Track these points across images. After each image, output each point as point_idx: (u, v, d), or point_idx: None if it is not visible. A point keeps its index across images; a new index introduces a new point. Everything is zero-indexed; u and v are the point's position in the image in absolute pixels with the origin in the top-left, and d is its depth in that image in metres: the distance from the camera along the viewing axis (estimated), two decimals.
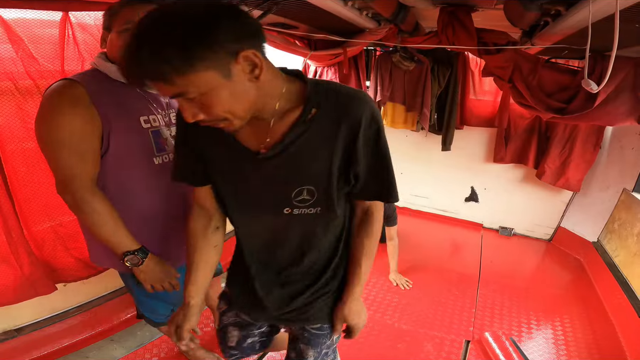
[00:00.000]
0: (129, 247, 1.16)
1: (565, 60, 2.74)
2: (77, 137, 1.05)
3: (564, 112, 2.38)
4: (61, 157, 1.05)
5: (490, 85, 3.40)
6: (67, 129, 1.03)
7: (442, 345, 2.15)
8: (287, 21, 2.16)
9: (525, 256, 3.39)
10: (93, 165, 1.10)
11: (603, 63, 2.18)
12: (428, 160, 3.95)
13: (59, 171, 1.07)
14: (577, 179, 3.27)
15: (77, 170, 1.06)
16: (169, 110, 1.29)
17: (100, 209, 1.10)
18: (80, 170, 1.07)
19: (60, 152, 1.04)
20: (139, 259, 1.18)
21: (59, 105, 1.03)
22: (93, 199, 1.09)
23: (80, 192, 1.07)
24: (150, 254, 1.22)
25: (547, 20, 1.88)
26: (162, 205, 1.26)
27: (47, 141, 1.05)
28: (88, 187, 1.09)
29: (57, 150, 1.05)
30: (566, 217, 3.54)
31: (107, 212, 1.11)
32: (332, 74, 3.33)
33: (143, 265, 1.19)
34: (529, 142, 3.41)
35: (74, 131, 1.04)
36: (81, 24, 1.47)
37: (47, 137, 1.05)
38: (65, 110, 1.03)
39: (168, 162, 1.24)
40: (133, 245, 1.17)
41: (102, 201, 1.11)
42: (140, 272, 1.21)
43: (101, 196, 1.11)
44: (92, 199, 1.09)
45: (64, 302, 1.90)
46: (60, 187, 1.09)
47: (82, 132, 1.05)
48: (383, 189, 0.93)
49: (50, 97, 1.04)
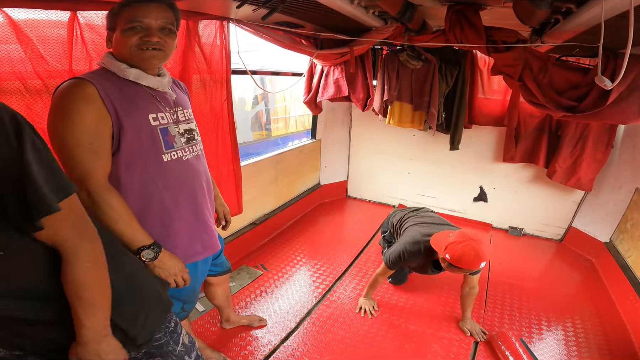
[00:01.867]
0: (143, 241, 1.18)
1: (576, 59, 2.70)
2: (91, 135, 1.06)
3: (575, 111, 2.34)
4: (76, 155, 1.06)
5: (499, 84, 3.36)
6: (80, 127, 1.04)
7: (450, 346, 2.13)
8: (294, 20, 2.16)
9: (536, 256, 3.34)
10: (106, 163, 1.12)
11: (616, 61, 2.14)
12: (436, 159, 3.92)
13: (75, 169, 1.08)
14: (589, 178, 3.22)
15: (92, 168, 1.08)
16: (177, 108, 1.30)
17: (116, 205, 1.12)
18: (95, 168, 1.09)
19: (74, 150, 1.06)
20: (154, 252, 1.19)
21: (72, 104, 1.04)
22: (109, 195, 1.11)
23: (96, 189, 1.09)
24: (163, 249, 1.23)
25: (558, 18, 1.85)
26: (171, 202, 1.27)
27: (60, 140, 1.06)
28: (103, 184, 1.11)
29: (72, 149, 1.06)
30: (577, 217, 3.49)
31: (122, 208, 1.13)
32: (338, 73, 3.32)
33: (157, 259, 1.21)
34: (539, 141, 3.37)
35: (88, 129, 1.05)
36: (89, 24, 1.47)
37: (60, 136, 1.05)
38: (78, 108, 1.04)
39: (177, 159, 1.26)
40: (147, 240, 1.19)
41: (117, 197, 1.13)
42: (155, 267, 1.22)
43: (115, 192, 1.13)
44: (108, 195, 1.11)
45: None
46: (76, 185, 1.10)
47: (95, 130, 1.07)
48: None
49: (62, 96, 1.05)
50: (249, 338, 2.10)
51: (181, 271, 1.28)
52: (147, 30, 1.12)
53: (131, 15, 1.10)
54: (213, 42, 2.05)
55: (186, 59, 1.92)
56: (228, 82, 2.23)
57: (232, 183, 2.51)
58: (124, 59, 1.15)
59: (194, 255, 1.40)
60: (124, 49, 1.13)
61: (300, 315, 2.31)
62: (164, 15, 1.14)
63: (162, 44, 1.15)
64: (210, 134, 2.22)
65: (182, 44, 1.88)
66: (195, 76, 2.02)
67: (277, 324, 2.22)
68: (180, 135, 1.28)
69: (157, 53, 1.16)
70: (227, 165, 2.42)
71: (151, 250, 1.19)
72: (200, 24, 1.92)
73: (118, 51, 1.16)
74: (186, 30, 1.87)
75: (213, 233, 1.48)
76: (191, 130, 1.35)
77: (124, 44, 1.13)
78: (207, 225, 1.43)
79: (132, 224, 1.16)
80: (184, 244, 1.35)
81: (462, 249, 1.87)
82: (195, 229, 1.38)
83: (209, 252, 1.47)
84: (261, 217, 3.30)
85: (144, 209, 1.23)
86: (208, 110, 2.16)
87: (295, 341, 2.10)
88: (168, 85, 1.29)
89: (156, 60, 1.18)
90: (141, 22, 1.11)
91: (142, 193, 1.21)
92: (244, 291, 2.52)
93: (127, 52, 1.13)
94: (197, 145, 1.38)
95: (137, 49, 1.13)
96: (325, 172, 4.36)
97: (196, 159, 1.36)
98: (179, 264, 1.28)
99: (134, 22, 1.10)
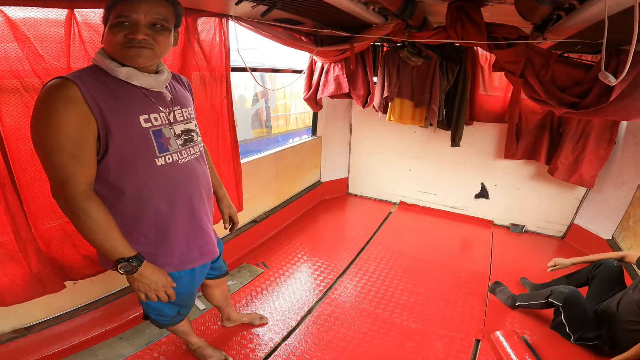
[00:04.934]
0: (123, 254, 1.12)
1: (578, 55, 2.68)
2: (71, 139, 1.00)
3: (578, 107, 2.33)
4: (54, 160, 1.00)
5: (500, 81, 3.34)
6: (60, 131, 0.98)
7: (452, 344, 2.13)
8: (293, 16, 2.14)
9: (538, 253, 3.33)
10: (89, 168, 1.06)
11: (618, 57, 2.12)
12: (437, 156, 3.91)
13: (53, 175, 1.03)
14: (591, 175, 3.21)
15: (71, 174, 1.02)
16: (174, 107, 1.24)
17: (94, 214, 1.05)
18: (75, 174, 1.02)
19: (53, 155, 1.00)
20: (132, 266, 1.14)
21: (52, 106, 0.98)
22: (87, 204, 1.04)
23: (74, 196, 1.03)
24: (145, 262, 1.18)
25: (560, 14, 1.83)
26: (166, 208, 1.22)
27: (39, 143, 1.01)
28: (82, 191, 1.04)
29: (50, 153, 1.00)
30: (579, 214, 3.48)
31: (101, 218, 1.07)
32: (338, 70, 3.30)
33: (137, 273, 1.16)
34: (541, 138, 3.35)
35: (68, 133, 0.99)
36: (87, 22, 1.46)
37: (39, 139, 1.00)
38: (59, 110, 0.98)
39: (172, 162, 1.20)
40: (128, 252, 1.13)
41: (97, 206, 1.06)
42: (134, 280, 1.18)
43: (96, 201, 1.07)
44: (86, 204, 1.04)
45: (73, 300, 1.91)
46: (54, 190, 1.05)
47: (76, 133, 1.00)
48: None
49: (43, 96, 1.00)
50: (250, 336, 2.10)
51: (164, 286, 1.23)
52: (133, 26, 1.04)
53: (120, 10, 1.03)
54: (212, 39, 2.03)
55: (185, 57, 1.91)
56: (228, 80, 2.22)
57: (233, 181, 2.50)
58: (113, 56, 1.08)
59: (190, 261, 1.36)
60: (110, 45, 1.07)
61: (301, 313, 2.31)
62: (155, 11, 1.06)
63: (150, 42, 1.07)
64: (211, 131, 2.21)
65: (181, 42, 1.86)
66: (194, 73, 2.01)
67: (278, 322, 2.22)
68: (176, 137, 1.22)
69: (143, 51, 1.07)
70: (227, 162, 2.42)
71: (129, 264, 1.13)
72: (199, 21, 1.91)
73: (107, 48, 1.09)
74: (185, 27, 1.86)
75: (211, 239, 1.44)
76: (189, 131, 1.29)
77: (110, 41, 1.06)
78: (204, 232, 1.39)
79: (112, 234, 1.09)
80: (181, 250, 1.31)
81: None
82: (192, 235, 1.34)
83: (206, 258, 1.43)
84: (262, 214, 3.29)
85: (138, 215, 1.18)
86: (208, 108, 2.15)
87: (297, 339, 2.10)
88: (165, 83, 1.22)
89: (142, 59, 1.09)
90: (128, 17, 1.03)
91: (135, 198, 1.16)
92: (244, 289, 2.52)
93: (113, 49, 1.07)
94: (197, 147, 1.32)
95: (122, 47, 1.05)
96: (326, 169, 4.35)
97: (195, 161, 1.30)
98: (161, 279, 1.22)
99: (121, 17, 1.03)
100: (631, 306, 1.86)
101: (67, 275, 1.71)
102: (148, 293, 1.21)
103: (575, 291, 2.03)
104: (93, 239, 1.09)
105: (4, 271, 1.50)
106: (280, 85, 4.82)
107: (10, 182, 1.43)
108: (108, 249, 1.11)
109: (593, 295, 2.20)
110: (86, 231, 1.07)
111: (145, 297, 1.23)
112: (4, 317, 1.68)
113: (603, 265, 2.22)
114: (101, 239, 1.09)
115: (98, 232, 1.07)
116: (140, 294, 1.22)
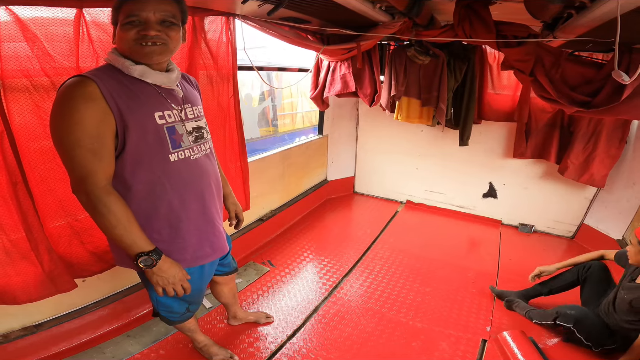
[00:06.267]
0: (142, 248, 1.15)
1: (589, 53, 2.63)
2: (91, 135, 1.03)
3: (589, 106, 2.29)
4: (75, 156, 1.03)
5: (508, 79, 3.30)
6: (80, 127, 1.01)
7: (458, 344, 2.11)
8: (299, 15, 2.14)
9: (546, 254, 3.29)
10: (108, 164, 1.09)
11: (630, 55, 2.09)
12: (444, 155, 3.88)
13: (74, 170, 1.05)
14: (602, 174, 3.16)
15: (91, 169, 1.05)
16: (185, 105, 1.27)
17: (115, 209, 1.08)
18: (95, 169, 1.05)
19: (74, 151, 1.03)
20: (152, 260, 1.17)
21: (72, 103, 1.01)
22: (108, 199, 1.07)
23: (95, 191, 1.06)
24: (163, 256, 1.20)
25: (571, 13, 1.80)
26: (179, 203, 1.25)
27: (60, 139, 1.03)
28: (103, 186, 1.07)
29: (71, 149, 1.03)
30: (590, 214, 3.43)
31: (121, 212, 1.09)
32: (345, 68, 3.29)
33: (156, 267, 1.18)
34: (551, 137, 3.31)
35: (88, 129, 1.02)
36: (95, 22, 1.47)
37: (60, 136, 1.03)
38: (78, 107, 1.01)
39: (184, 158, 1.23)
40: (147, 247, 1.16)
41: (117, 201, 1.09)
42: (153, 274, 1.20)
43: (116, 196, 1.10)
44: (107, 199, 1.07)
45: (82, 298, 1.94)
46: (75, 186, 1.08)
47: (95, 129, 1.04)
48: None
49: (63, 94, 1.03)
50: (255, 335, 2.11)
51: (181, 280, 1.25)
52: (144, 24, 1.07)
53: (129, 9, 1.06)
54: (219, 38, 2.04)
55: (192, 55, 1.92)
56: (234, 78, 2.23)
57: (240, 179, 2.51)
58: (126, 54, 1.12)
59: (202, 257, 1.38)
60: (124, 44, 1.10)
61: (307, 312, 2.31)
62: (163, 8, 1.09)
63: (163, 38, 1.11)
64: (218, 130, 2.22)
65: (188, 40, 1.87)
66: (201, 72, 2.02)
67: (283, 321, 2.23)
68: (188, 134, 1.25)
69: (157, 48, 1.11)
70: (234, 161, 2.42)
71: (149, 258, 1.16)
72: (206, 20, 1.92)
73: (120, 47, 1.12)
74: (192, 26, 1.86)
75: (222, 235, 1.46)
76: (200, 128, 1.32)
77: (123, 39, 1.09)
78: (215, 227, 1.41)
79: (132, 229, 1.12)
80: (194, 246, 1.33)
81: None
82: (204, 231, 1.36)
83: (218, 254, 1.45)
84: (268, 213, 3.30)
85: (152, 210, 1.21)
86: (215, 107, 2.16)
87: (302, 338, 2.11)
88: (176, 81, 1.25)
89: (157, 56, 1.13)
90: (138, 15, 1.06)
91: (149, 194, 1.19)
92: (250, 288, 2.53)
93: (127, 47, 1.10)
94: (207, 144, 1.35)
95: (136, 44, 1.08)
96: (332, 168, 4.34)
97: (205, 157, 1.33)
98: (179, 273, 1.25)
99: (132, 17, 1.06)
100: (625, 306, 1.89)
101: (75, 272, 1.73)
102: (166, 287, 1.24)
103: (581, 309, 2.02)
104: (114, 234, 1.11)
105: (16, 270, 1.52)
106: (286, 84, 4.83)
107: (22, 180, 1.45)
108: (128, 243, 1.13)
109: (589, 298, 2.21)
110: (107, 226, 1.10)
111: (163, 292, 1.25)
112: (13, 315, 1.70)
113: (592, 267, 2.25)
114: (122, 233, 1.11)
115: (118, 226, 1.10)
116: (158, 288, 1.24)
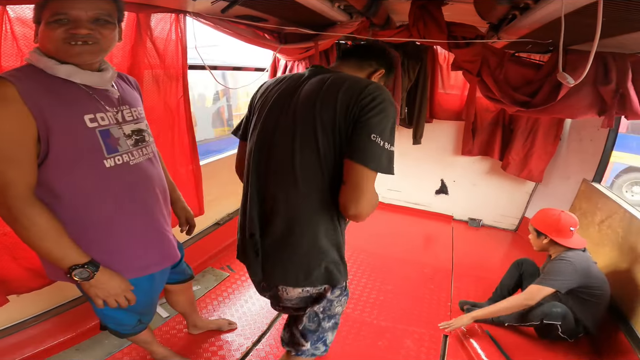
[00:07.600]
0: (75, 260, 1.04)
1: (528, 54, 2.82)
2: (8, 142, 0.92)
3: (528, 106, 2.45)
4: None
5: (456, 79, 3.47)
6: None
7: (422, 340, 2.16)
8: (256, 13, 2.07)
9: (494, 247, 3.50)
10: (29, 173, 0.97)
11: (566, 56, 2.24)
12: (399, 154, 3.87)
13: None
14: (539, 169, 3.41)
15: (10, 179, 0.93)
16: (122, 107, 1.16)
17: (39, 221, 0.97)
18: (15, 179, 0.94)
19: None
20: (89, 272, 1.06)
21: None
22: (32, 210, 0.96)
23: (15, 203, 0.95)
24: (102, 267, 1.10)
25: (515, 14, 1.91)
26: (118, 211, 1.14)
27: None
28: (25, 197, 0.96)
29: None
30: (530, 207, 3.69)
31: (47, 224, 0.99)
32: (302, 68, 3.26)
33: (94, 279, 1.08)
34: (494, 135, 3.52)
35: (4, 135, 0.91)
36: (20, 18, 1.31)
37: None
38: None
39: (123, 164, 1.12)
40: (81, 259, 1.05)
41: (42, 212, 0.98)
42: (91, 287, 1.09)
43: (40, 206, 0.98)
44: (30, 210, 0.96)
45: (21, 312, 1.76)
46: None
47: (13, 135, 0.92)
48: None
49: None
50: (219, 342, 2.00)
51: (124, 291, 1.16)
52: (74, 22, 0.96)
53: (57, 7, 0.94)
54: (167, 36, 1.91)
55: (136, 54, 1.78)
56: (184, 78, 2.11)
57: (192, 183, 2.38)
58: (51, 54, 0.99)
59: (150, 266, 1.28)
60: (49, 43, 0.98)
61: (271, 316, 2.24)
62: (96, 6, 0.98)
63: (95, 37, 0.99)
64: (166, 132, 2.08)
65: (131, 38, 1.73)
66: (147, 72, 1.88)
67: (247, 327, 2.14)
68: (126, 137, 1.14)
69: (88, 47, 0.99)
70: (185, 165, 2.29)
71: (85, 270, 1.05)
72: (152, 17, 1.79)
73: (44, 46, 1.00)
74: (136, 23, 1.72)
75: (170, 242, 1.35)
76: (140, 131, 1.21)
77: (49, 38, 0.97)
78: (162, 235, 1.31)
79: (61, 241, 1.02)
80: (139, 254, 1.23)
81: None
82: (150, 239, 1.26)
83: (167, 262, 1.35)
84: (225, 216, 3.18)
85: (86, 220, 1.09)
86: (162, 108, 2.03)
87: (268, 343, 2.04)
88: (111, 81, 1.14)
89: (88, 56, 1.02)
90: (67, 13, 0.94)
91: (82, 203, 1.07)
92: (210, 294, 2.41)
93: (53, 47, 0.98)
94: (149, 147, 1.24)
95: (64, 43, 0.97)
96: None
97: (148, 162, 1.23)
98: (121, 284, 1.15)
99: (59, 14, 0.94)
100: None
101: (9, 289, 1.54)
102: (107, 299, 1.13)
103: (561, 305, 2.01)
104: (40, 247, 1.00)
105: None
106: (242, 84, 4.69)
107: None
108: (59, 257, 1.02)
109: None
110: (32, 239, 0.98)
111: (103, 304, 1.14)
112: None
113: (525, 263, 2.37)
114: (50, 247, 1.00)
115: (45, 239, 0.99)
116: (97, 301, 1.13)
